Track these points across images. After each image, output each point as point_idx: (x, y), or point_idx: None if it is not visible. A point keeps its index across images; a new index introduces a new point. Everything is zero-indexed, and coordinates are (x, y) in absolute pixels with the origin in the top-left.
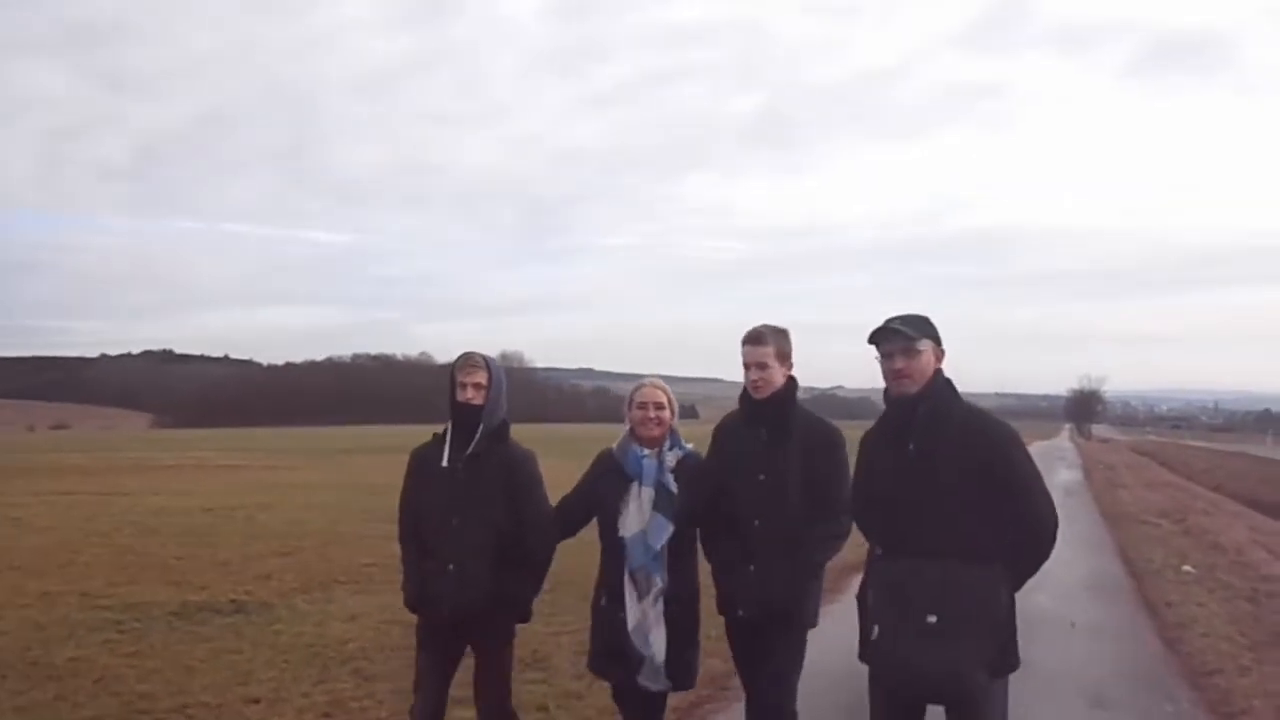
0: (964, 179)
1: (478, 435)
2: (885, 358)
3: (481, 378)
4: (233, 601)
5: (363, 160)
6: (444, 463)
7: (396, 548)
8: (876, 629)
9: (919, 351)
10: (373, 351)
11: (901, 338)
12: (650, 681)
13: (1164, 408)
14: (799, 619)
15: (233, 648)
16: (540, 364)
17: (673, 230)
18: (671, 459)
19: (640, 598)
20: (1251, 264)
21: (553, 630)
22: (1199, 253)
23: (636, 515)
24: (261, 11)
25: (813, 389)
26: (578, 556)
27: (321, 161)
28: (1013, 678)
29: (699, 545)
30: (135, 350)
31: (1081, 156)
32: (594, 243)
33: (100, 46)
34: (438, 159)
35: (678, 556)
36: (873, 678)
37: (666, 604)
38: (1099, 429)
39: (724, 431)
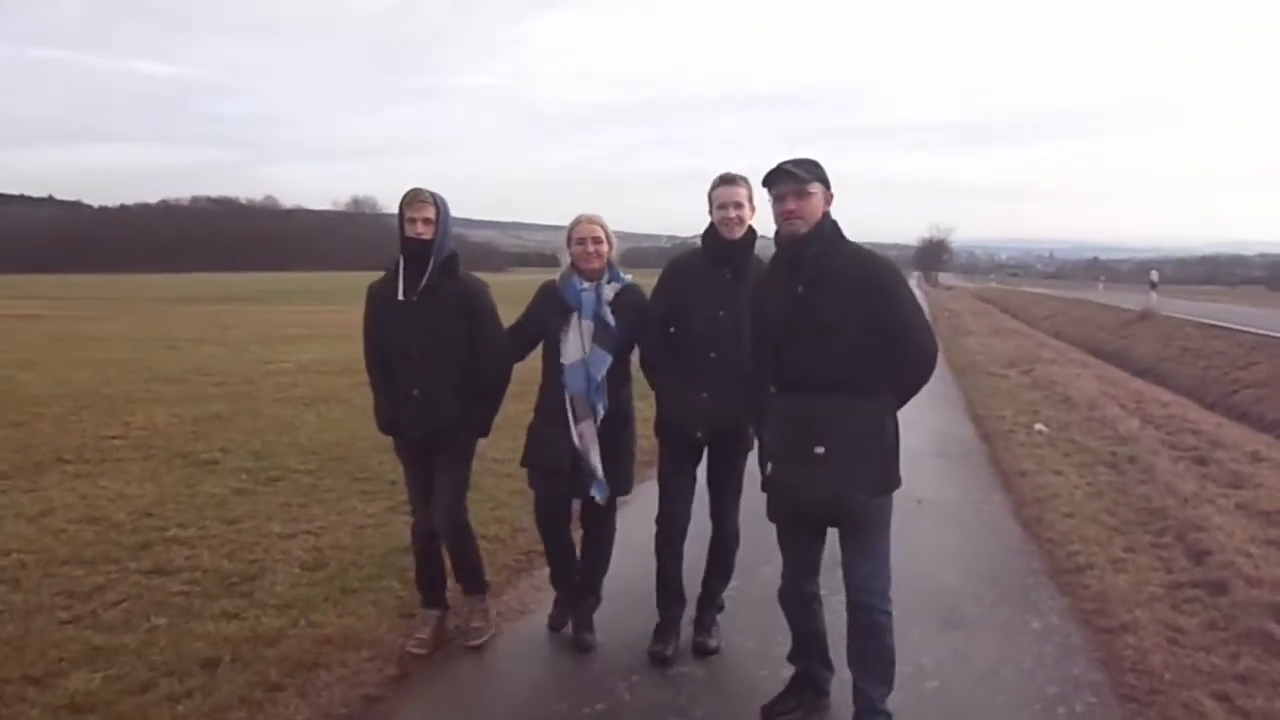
0: (828, 31)
1: (429, 268)
2: (777, 200)
3: (430, 213)
4: None
5: None
6: (400, 296)
7: (159, 414)
8: (770, 464)
9: (810, 194)
10: (213, 195)
11: (793, 179)
12: (597, 492)
13: (1004, 256)
14: (746, 440)
15: None
16: (395, 210)
17: (531, 71)
18: (609, 292)
19: (578, 421)
20: (1083, 122)
21: (289, 531)
22: (1036, 108)
23: (576, 345)
24: None
25: (675, 237)
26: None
27: None
28: None
29: (643, 371)
30: None
31: (933, 9)
32: (450, 84)
33: None
34: None
35: (615, 382)
36: (770, 505)
37: (604, 425)
38: (945, 277)
39: (681, 269)
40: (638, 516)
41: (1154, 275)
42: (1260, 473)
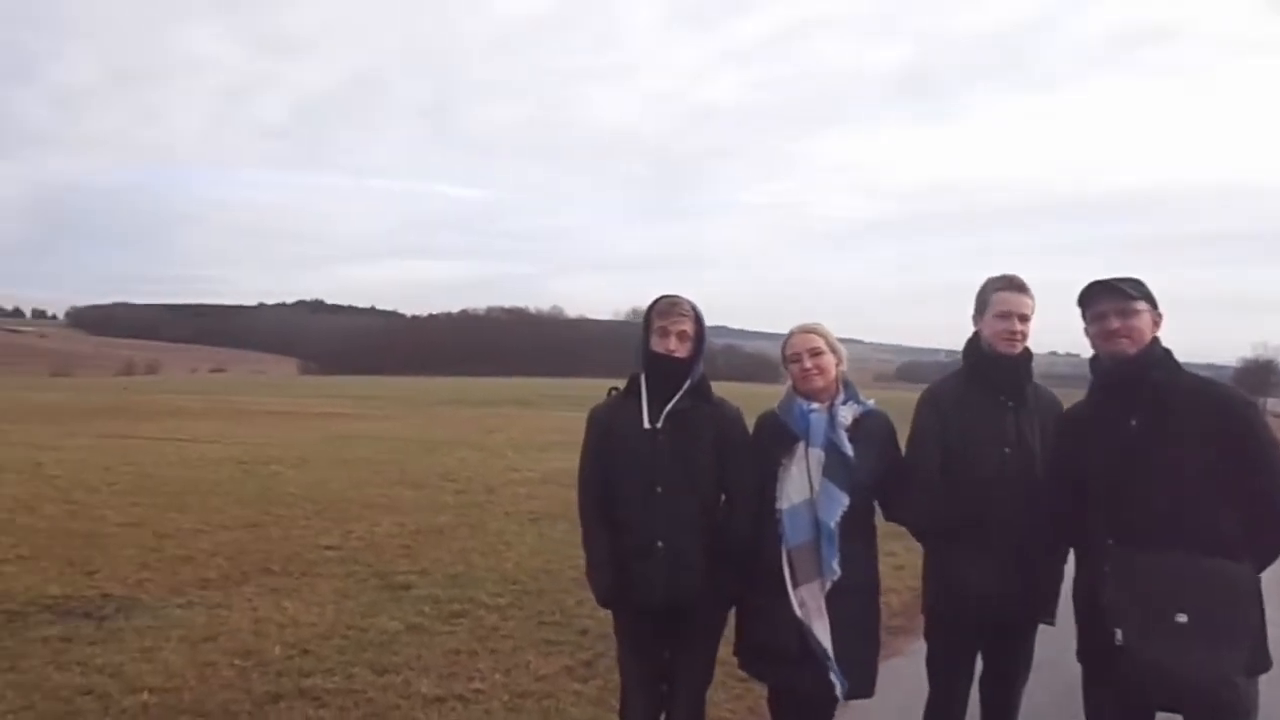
0: (1119, 133)
1: (682, 390)
2: (1096, 319)
3: (688, 326)
4: (105, 596)
5: (500, 117)
6: (645, 423)
7: (384, 523)
8: (1120, 632)
9: (1136, 311)
10: (506, 305)
11: (1117, 295)
12: (836, 682)
13: None
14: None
15: None
16: None
17: (807, 188)
18: (846, 415)
19: (798, 583)
20: None
21: (438, 693)
22: None
23: (801, 481)
24: None
25: (953, 352)
26: None
27: (461, 119)
28: None
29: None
30: (289, 300)
31: (1256, 108)
32: (727, 200)
33: (259, 10)
34: (573, 115)
35: (855, 537)
36: (1096, 680)
37: (840, 595)
38: (1274, 403)
39: (947, 398)
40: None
41: None
42: None
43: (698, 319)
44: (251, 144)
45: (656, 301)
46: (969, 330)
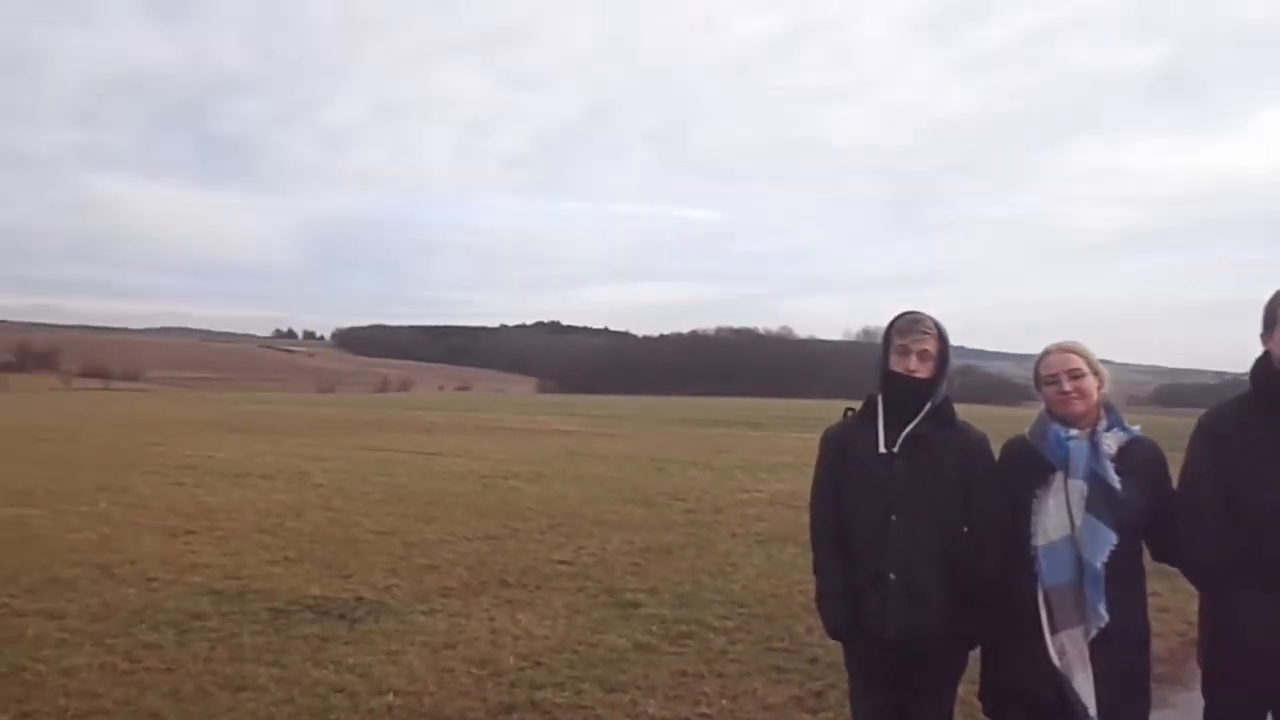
0: None
1: (922, 414)
2: None
3: (931, 345)
4: (358, 599)
5: (733, 139)
6: (880, 447)
7: (614, 539)
8: None
9: None
10: (736, 325)
11: None
12: None
13: None
14: None
15: (241, 677)
16: None
17: (1055, 199)
18: (1111, 443)
19: (1057, 628)
20: None
21: (665, 715)
22: None
23: (1058, 517)
24: (635, 3)
25: (1223, 374)
26: None
27: (695, 142)
28: None
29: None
30: (528, 321)
31: None
32: (967, 215)
33: (502, 47)
34: (806, 135)
35: (1121, 578)
36: None
37: (1105, 643)
38: None
39: (1229, 423)
40: None
41: None
42: None
43: (941, 337)
44: (495, 173)
45: (897, 318)
46: (1240, 349)
